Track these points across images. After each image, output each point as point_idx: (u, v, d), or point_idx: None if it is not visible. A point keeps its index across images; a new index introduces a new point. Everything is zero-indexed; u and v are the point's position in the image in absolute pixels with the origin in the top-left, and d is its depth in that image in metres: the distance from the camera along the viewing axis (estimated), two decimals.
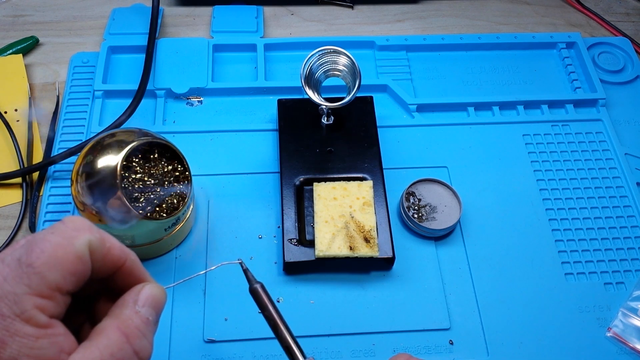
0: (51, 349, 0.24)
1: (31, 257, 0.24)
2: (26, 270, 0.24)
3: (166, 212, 0.42)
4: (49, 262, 0.24)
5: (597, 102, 0.58)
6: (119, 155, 0.40)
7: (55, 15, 0.64)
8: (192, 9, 0.66)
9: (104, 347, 0.25)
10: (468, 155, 0.54)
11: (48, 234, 0.25)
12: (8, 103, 0.56)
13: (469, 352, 0.44)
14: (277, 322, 0.33)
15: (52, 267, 0.24)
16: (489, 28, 0.65)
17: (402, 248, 0.48)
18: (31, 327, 0.24)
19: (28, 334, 0.24)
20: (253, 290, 0.34)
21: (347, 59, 0.49)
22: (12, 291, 0.24)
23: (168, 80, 0.56)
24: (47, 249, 0.25)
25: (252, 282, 0.34)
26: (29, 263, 0.24)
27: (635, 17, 0.68)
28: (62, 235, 0.25)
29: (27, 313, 0.24)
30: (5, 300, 0.24)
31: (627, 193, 0.52)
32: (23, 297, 0.24)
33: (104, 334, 0.26)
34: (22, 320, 0.24)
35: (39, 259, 0.24)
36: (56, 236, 0.25)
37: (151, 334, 0.27)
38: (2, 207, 0.50)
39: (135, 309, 0.27)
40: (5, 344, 0.23)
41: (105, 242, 0.27)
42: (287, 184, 0.49)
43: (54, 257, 0.25)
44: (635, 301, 0.46)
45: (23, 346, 0.23)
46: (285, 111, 0.53)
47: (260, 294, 0.33)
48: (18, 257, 0.25)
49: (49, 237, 0.25)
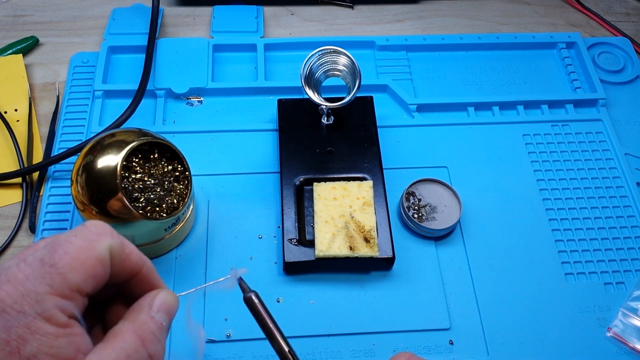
0: (69, 348, 0.25)
1: (54, 258, 0.25)
2: (49, 271, 0.25)
3: (166, 212, 0.42)
4: (72, 264, 0.25)
5: (597, 102, 0.58)
6: (119, 155, 0.40)
7: (55, 15, 0.64)
8: (192, 9, 0.66)
9: (120, 349, 0.26)
10: (468, 155, 0.54)
11: (71, 237, 0.26)
12: (8, 103, 0.56)
13: (469, 352, 0.44)
14: (272, 330, 0.33)
15: (74, 269, 0.25)
16: (489, 28, 0.65)
17: (402, 248, 0.48)
18: (51, 326, 0.24)
19: (48, 332, 0.24)
20: (247, 299, 0.33)
21: (347, 59, 0.49)
22: (34, 290, 0.24)
23: (168, 80, 0.56)
24: (70, 251, 0.25)
25: (246, 291, 0.34)
26: (52, 263, 0.25)
27: (635, 17, 0.68)
28: (85, 239, 0.26)
29: (48, 312, 0.24)
30: (27, 299, 0.24)
31: (627, 193, 0.52)
32: (45, 297, 0.24)
33: (120, 336, 0.26)
34: (43, 319, 0.24)
35: (62, 260, 0.25)
36: (79, 239, 0.26)
37: (164, 339, 0.28)
38: (2, 207, 0.50)
39: (150, 314, 0.28)
40: (25, 341, 0.24)
41: (125, 248, 0.28)
42: (287, 184, 0.49)
43: (77, 259, 0.25)
44: (635, 301, 0.46)
45: (43, 344, 0.24)
46: (285, 111, 0.53)
47: (255, 302, 0.33)
48: (40, 258, 0.25)
49: (71, 240, 0.26)
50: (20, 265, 0.25)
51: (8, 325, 0.24)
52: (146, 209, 0.41)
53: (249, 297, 0.33)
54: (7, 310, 0.24)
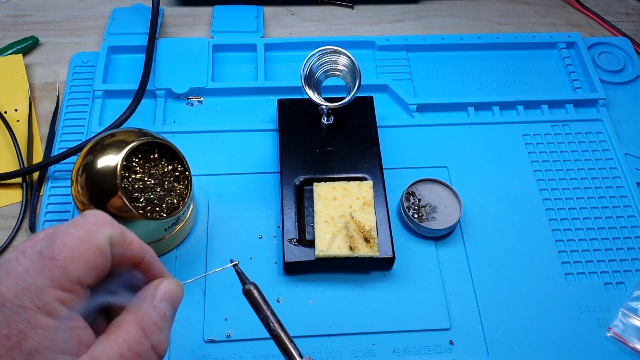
0: (71, 341, 0.24)
1: (53, 250, 0.24)
2: (48, 263, 0.24)
3: (166, 212, 0.42)
4: (71, 256, 0.24)
5: (597, 102, 0.58)
6: (119, 155, 0.40)
7: (55, 15, 0.64)
8: (192, 9, 0.66)
9: (122, 341, 0.25)
10: (468, 155, 0.54)
11: (70, 227, 0.25)
12: (8, 103, 0.56)
13: (469, 352, 0.44)
14: (271, 322, 0.33)
15: (74, 261, 0.24)
16: (489, 28, 0.65)
17: (402, 248, 0.48)
18: (52, 320, 0.24)
19: (49, 326, 0.24)
20: (246, 291, 0.33)
21: (347, 59, 0.49)
22: (34, 283, 0.24)
23: (168, 80, 0.56)
24: (70, 242, 0.25)
25: (245, 283, 0.34)
26: (51, 256, 0.24)
27: (635, 17, 0.68)
28: (84, 229, 0.25)
29: (49, 306, 0.24)
30: (27, 293, 0.24)
31: (627, 193, 0.52)
32: (45, 290, 0.24)
33: (122, 328, 0.26)
34: (44, 313, 0.24)
35: (61, 252, 0.24)
36: (78, 230, 0.25)
37: (168, 329, 0.28)
38: (2, 207, 0.50)
39: (153, 304, 0.27)
40: (27, 336, 0.23)
41: (126, 237, 0.27)
42: (287, 184, 0.49)
43: (76, 251, 0.25)
44: (635, 301, 0.46)
45: (44, 338, 0.23)
46: (285, 111, 0.53)
47: (254, 294, 0.33)
48: (39, 250, 0.25)
49: (70, 231, 0.25)
50: (20, 259, 0.25)
51: (8, 320, 0.23)
52: (146, 209, 0.41)
53: (248, 289, 0.33)
54: (7, 304, 0.23)
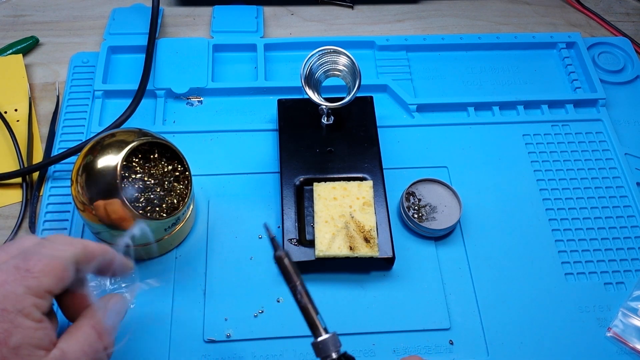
0: (45, 339, 0.30)
1: (29, 264, 0.31)
2: (25, 275, 0.30)
3: (166, 212, 0.42)
4: (44, 270, 0.31)
5: (597, 102, 0.58)
6: (119, 155, 0.40)
7: (55, 15, 0.64)
8: (192, 9, 0.66)
9: (84, 340, 0.32)
10: (468, 155, 0.54)
11: (40, 248, 0.32)
12: (8, 103, 0.56)
13: (469, 352, 0.44)
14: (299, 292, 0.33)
15: (46, 274, 0.31)
16: (489, 28, 0.65)
17: (402, 248, 0.48)
18: (30, 321, 0.30)
19: (28, 326, 0.30)
20: (278, 257, 0.33)
21: (347, 59, 0.49)
22: (14, 292, 0.30)
23: (168, 80, 0.56)
24: (43, 259, 0.31)
25: (277, 249, 0.34)
26: (27, 269, 0.30)
27: (635, 17, 0.68)
28: (53, 249, 0.32)
29: (27, 309, 0.30)
30: (8, 299, 0.29)
31: (627, 193, 0.52)
32: (23, 297, 0.30)
33: (82, 330, 0.33)
34: (23, 315, 0.30)
35: (36, 266, 0.31)
36: (48, 249, 0.32)
37: (114, 335, 0.34)
38: (2, 207, 0.50)
39: (105, 314, 0.34)
40: (11, 334, 0.29)
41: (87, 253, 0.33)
42: (287, 184, 0.49)
43: (49, 266, 0.31)
44: (635, 301, 0.46)
45: (25, 336, 0.29)
46: (285, 111, 0.53)
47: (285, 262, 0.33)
48: (14, 265, 0.30)
49: (42, 250, 0.32)
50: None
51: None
52: (146, 209, 0.41)
53: (279, 256, 0.34)
54: None
